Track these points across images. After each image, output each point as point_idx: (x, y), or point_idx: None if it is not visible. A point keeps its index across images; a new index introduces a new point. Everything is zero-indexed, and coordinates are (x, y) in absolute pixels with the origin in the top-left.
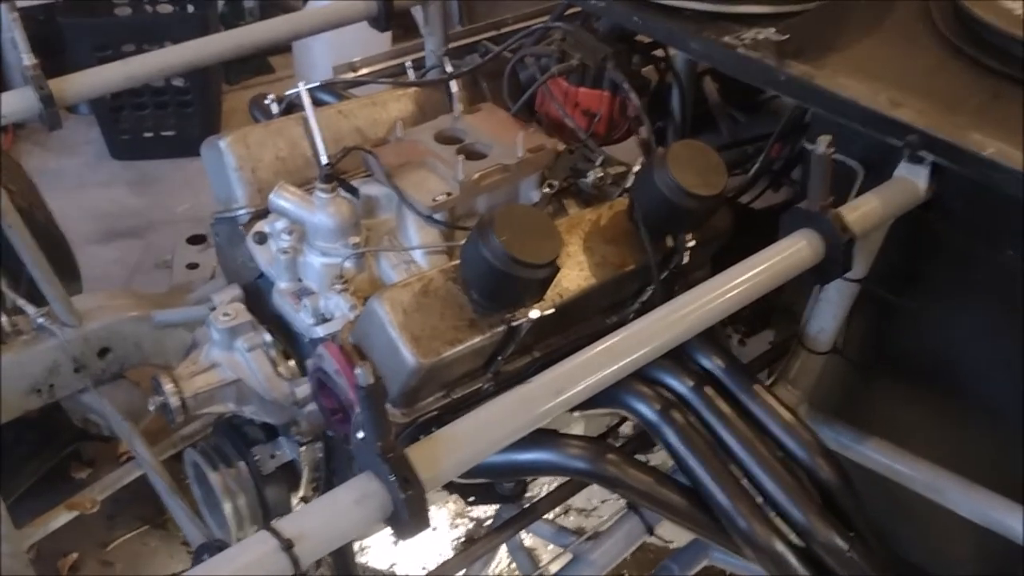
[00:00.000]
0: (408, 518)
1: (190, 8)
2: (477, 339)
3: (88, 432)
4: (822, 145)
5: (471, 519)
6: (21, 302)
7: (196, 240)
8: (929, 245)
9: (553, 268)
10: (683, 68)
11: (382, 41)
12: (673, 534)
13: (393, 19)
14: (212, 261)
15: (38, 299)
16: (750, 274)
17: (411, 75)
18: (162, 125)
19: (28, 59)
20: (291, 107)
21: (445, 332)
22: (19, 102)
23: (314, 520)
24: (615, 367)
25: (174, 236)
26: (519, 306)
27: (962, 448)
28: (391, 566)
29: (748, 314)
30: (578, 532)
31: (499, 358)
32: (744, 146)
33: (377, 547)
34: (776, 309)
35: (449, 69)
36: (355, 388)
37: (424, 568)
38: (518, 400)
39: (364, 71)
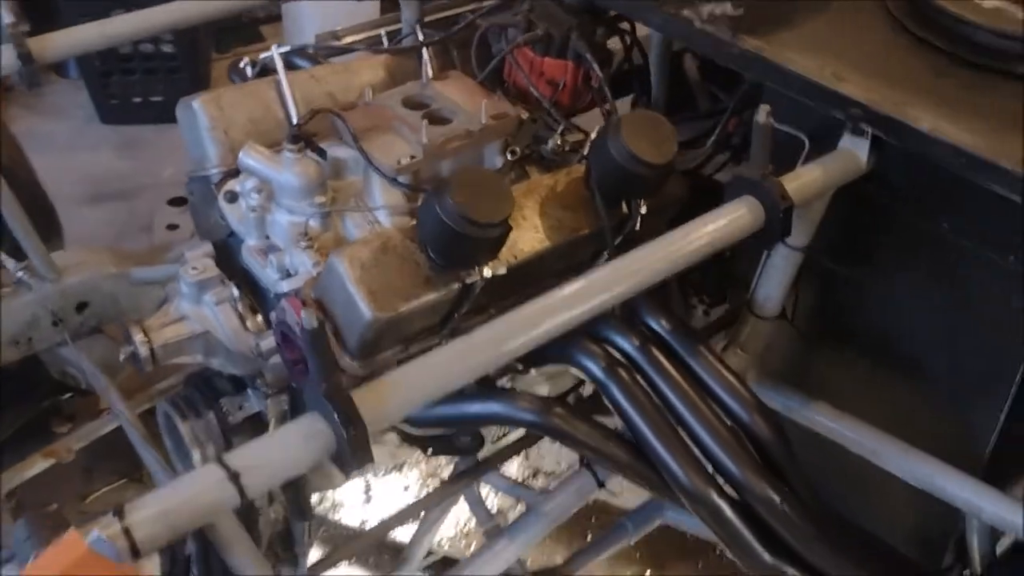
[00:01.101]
0: (351, 455)
1: None
2: (432, 295)
3: (66, 385)
4: (762, 114)
5: (441, 480)
6: (3, 256)
7: (177, 202)
8: (871, 217)
9: (505, 228)
10: (658, 44)
11: (370, 10)
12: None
13: None
14: (192, 222)
15: (20, 256)
16: (692, 236)
17: (386, 43)
18: (151, 91)
19: (7, 17)
20: (265, 71)
21: (401, 288)
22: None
23: (261, 454)
24: (556, 321)
25: (159, 200)
26: (473, 265)
27: (901, 413)
28: (362, 523)
29: (713, 285)
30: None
31: (455, 315)
32: (708, 119)
33: (349, 505)
34: (733, 280)
35: (421, 38)
36: (301, 331)
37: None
38: (462, 349)
39: (348, 40)
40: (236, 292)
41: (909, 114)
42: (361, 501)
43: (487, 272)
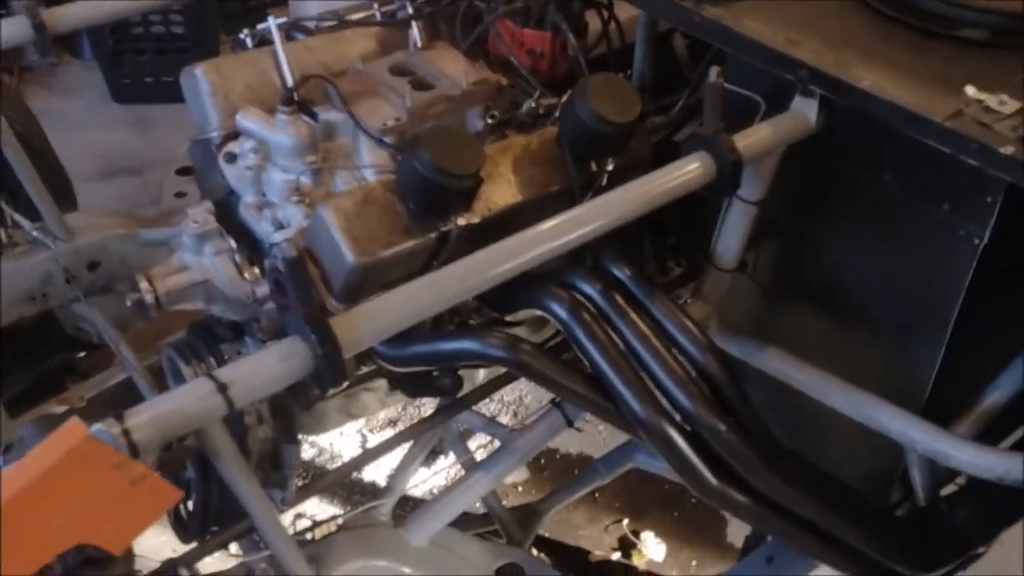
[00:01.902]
0: (327, 372)
1: None
2: (410, 243)
3: (79, 340)
4: (713, 74)
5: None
6: (18, 217)
7: (185, 172)
8: (820, 174)
9: (476, 179)
10: (644, 24)
11: None
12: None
13: None
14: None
15: (34, 217)
16: (650, 186)
17: (377, 16)
18: (162, 71)
19: None
20: (264, 42)
21: (382, 236)
22: (14, 29)
23: (247, 370)
24: (519, 260)
25: (168, 176)
26: (449, 215)
27: (850, 357)
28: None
29: (689, 248)
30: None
31: (433, 264)
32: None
33: (346, 457)
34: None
35: (411, 11)
36: (284, 264)
37: (387, 477)
38: (429, 283)
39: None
40: (234, 244)
41: (852, 74)
42: (356, 451)
43: (461, 221)
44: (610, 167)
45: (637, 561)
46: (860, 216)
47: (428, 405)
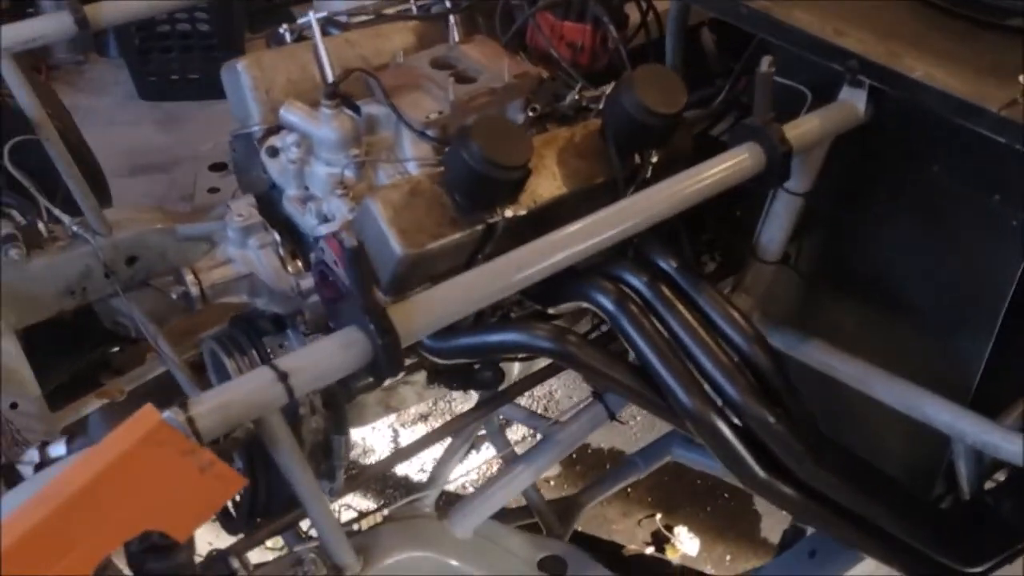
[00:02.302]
0: (385, 362)
1: None
2: (457, 235)
3: (117, 334)
4: (765, 65)
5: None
6: (57, 212)
7: (217, 168)
8: (868, 164)
9: (525, 171)
10: (674, 17)
11: None
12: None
13: None
14: (231, 186)
15: (73, 212)
16: (698, 177)
17: (414, 10)
18: (188, 68)
19: None
20: (302, 38)
21: (429, 227)
22: (56, 24)
23: (306, 359)
24: (570, 251)
25: (199, 171)
26: (495, 207)
27: (896, 349)
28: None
29: (724, 243)
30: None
31: (479, 256)
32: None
33: (379, 452)
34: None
35: (449, 5)
36: (345, 252)
37: (422, 471)
38: (483, 274)
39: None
40: (277, 237)
41: (903, 63)
42: (390, 448)
43: (508, 213)
44: (654, 159)
45: (671, 556)
46: (907, 207)
47: (459, 400)
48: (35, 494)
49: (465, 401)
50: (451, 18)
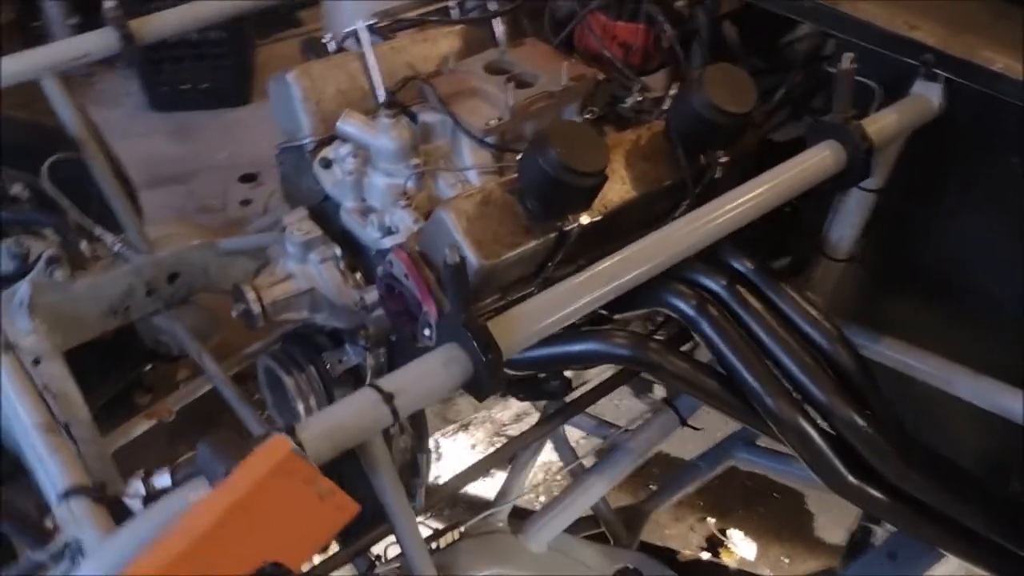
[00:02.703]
0: (488, 378)
1: None
2: (532, 243)
3: (158, 352)
4: (846, 62)
5: (507, 437)
6: (99, 230)
7: (247, 179)
8: (941, 158)
9: (602, 177)
10: (708, 7)
11: None
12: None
13: None
14: (263, 197)
15: (110, 229)
16: (780, 179)
17: (455, 14)
18: (199, 77)
19: (109, 1)
20: (341, 48)
21: (504, 237)
22: (102, 41)
23: (409, 380)
24: (658, 260)
25: (217, 181)
26: (570, 213)
27: (969, 344)
28: (435, 478)
29: (775, 239)
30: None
31: (548, 265)
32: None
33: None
34: (794, 233)
35: (493, 7)
36: (446, 269)
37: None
38: (576, 285)
39: (415, 13)
40: (338, 251)
41: (982, 56)
42: (433, 459)
43: (584, 219)
44: (723, 160)
45: (727, 559)
46: (982, 198)
47: (498, 408)
48: (163, 528)
49: (505, 409)
50: (496, 21)
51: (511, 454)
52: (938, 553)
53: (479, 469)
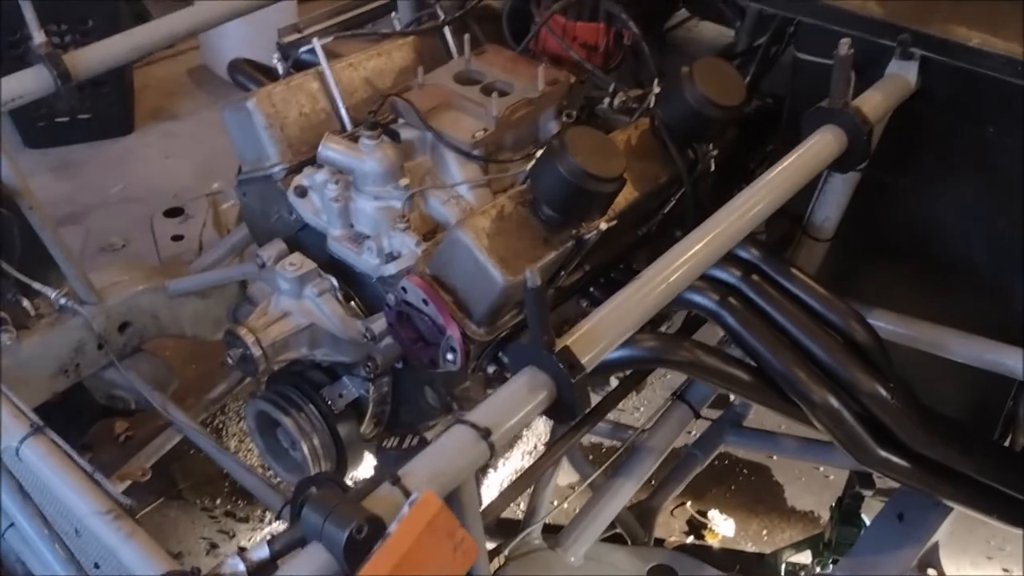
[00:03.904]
0: (576, 400)
1: None
2: (552, 254)
3: (114, 408)
4: (843, 48)
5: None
6: (38, 285)
7: (173, 213)
8: (918, 131)
9: (621, 182)
10: None
11: (287, 7)
12: None
13: None
14: (195, 232)
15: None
16: (791, 168)
17: (396, 25)
18: (77, 108)
19: (39, 36)
20: (298, 65)
21: (525, 251)
22: (34, 81)
23: (499, 411)
24: (709, 251)
25: (115, 217)
26: (588, 220)
27: (950, 305)
28: None
29: None
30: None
31: (562, 273)
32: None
33: None
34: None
35: (442, 16)
36: (527, 293)
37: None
38: (636, 290)
39: (310, 30)
40: (335, 282)
41: (958, 33)
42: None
43: (603, 225)
44: (715, 152)
45: (711, 540)
46: (959, 167)
47: None
48: None
49: None
50: (447, 29)
51: (541, 473)
52: (944, 510)
53: (515, 491)
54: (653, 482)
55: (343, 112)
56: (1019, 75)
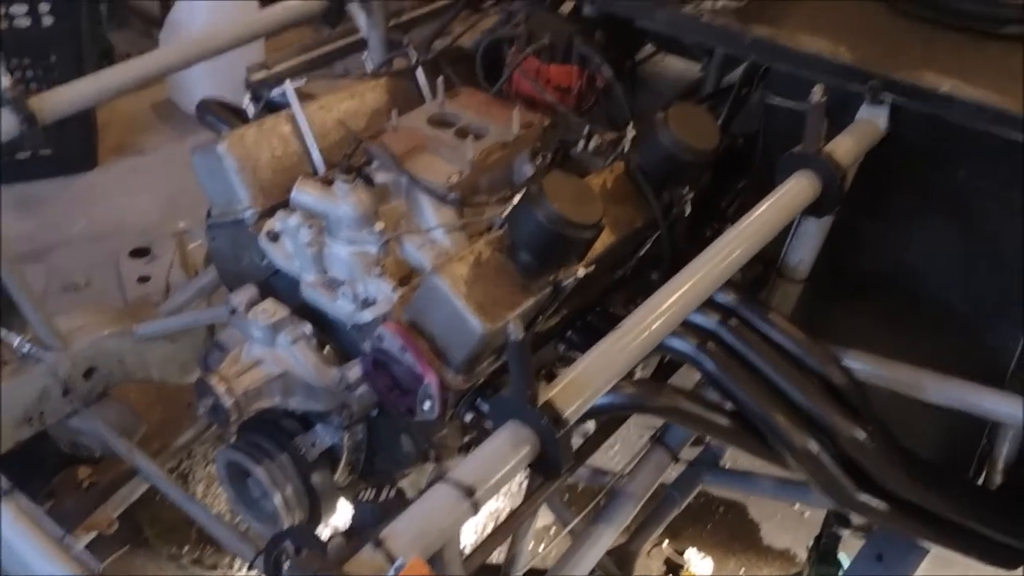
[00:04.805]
0: (561, 454)
1: (47, 21)
2: (531, 300)
3: (78, 456)
4: (818, 95)
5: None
6: (3, 331)
7: (139, 253)
8: (889, 175)
9: (599, 228)
10: None
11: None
12: None
13: (344, 14)
14: (162, 272)
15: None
16: (767, 215)
17: (368, 65)
18: (39, 143)
19: (5, 80)
20: (270, 107)
21: (503, 297)
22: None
23: (484, 467)
24: (687, 300)
25: (78, 256)
26: (567, 265)
27: (926, 350)
28: None
29: None
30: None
31: (539, 319)
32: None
33: None
34: None
35: (415, 58)
36: (510, 346)
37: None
38: (617, 338)
39: (279, 67)
40: (309, 329)
41: (927, 79)
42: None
43: (581, 272)
44: (690, 195)
45: None
46: (932, 211)
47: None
48: None
49: None
50: (419, 71)
51: (521, 522)
52: (922, 550)
53: (495, 541)
54: (631, 524)
55: (316, 155)
56: (990, 123)
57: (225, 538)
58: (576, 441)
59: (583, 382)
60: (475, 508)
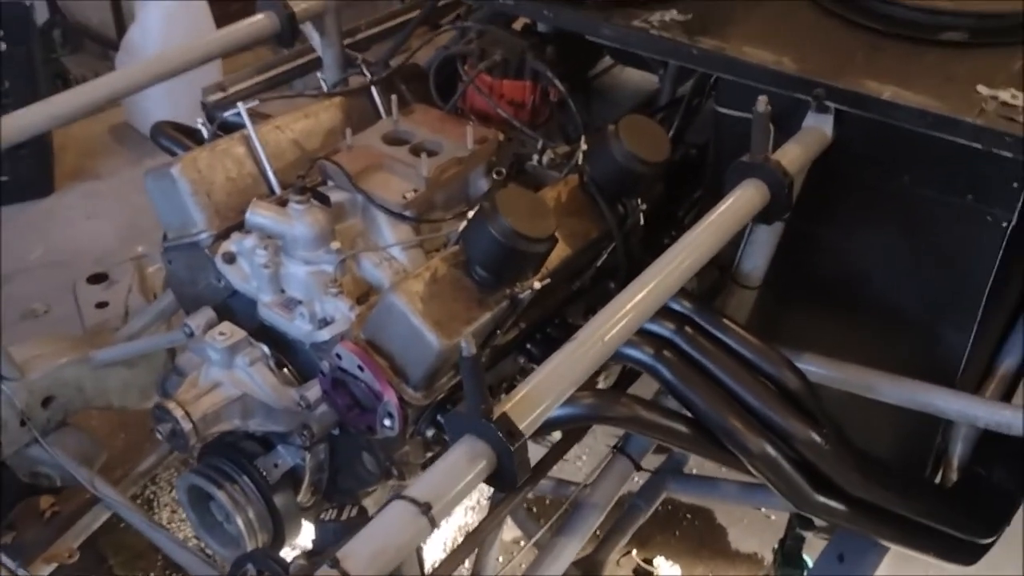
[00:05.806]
0: (516, 468)
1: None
2: (488, 314)
3: (39, 486)
4: (762, 104)
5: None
6: None
7: (97, 279)
8: (836, 182)
9: (553, 241)
10: None
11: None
12: None
13: (297, 34)
14: (120, 298)
15: None
16: (717, 223)
17: (323, 84)
18: None
19: None
20: (225, 128)
21: (460, 313)
22: None
23: (440, 483)
24: (641, 310)
25: (36, 283)
26: (521, 279)
27: (877, 352)
28: None
29: None
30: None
31: (497, 333)
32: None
33: None
34: None
35: (369, 77)
36: (462, 362)
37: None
38: (573, 349)
39: (235, 88)
40: (267, 350)
41: (870, 87)
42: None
43: (536, 284)
44: (644, 207)
45: None
46: (878, 215)
47: None
48: None
49: None
50: (374, 90)
51: (485, 536)
52: (882, 549)
53: (459, 556)
54: (598, 534)
55: (271, 176)
56: (931, 127)
57: (190, 563)
58: (541, 451)
59: (538, 395)
60: (432, 524)
